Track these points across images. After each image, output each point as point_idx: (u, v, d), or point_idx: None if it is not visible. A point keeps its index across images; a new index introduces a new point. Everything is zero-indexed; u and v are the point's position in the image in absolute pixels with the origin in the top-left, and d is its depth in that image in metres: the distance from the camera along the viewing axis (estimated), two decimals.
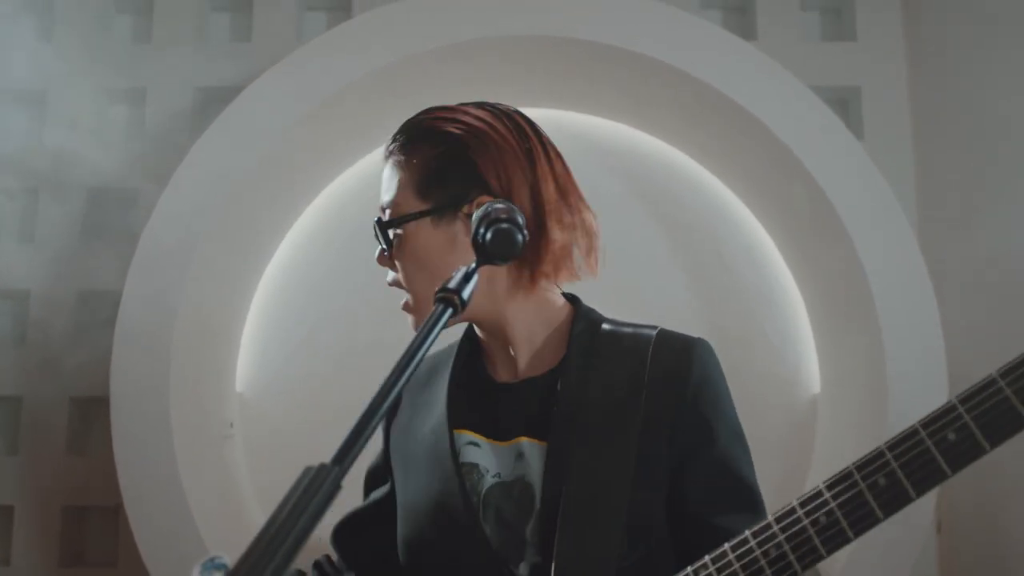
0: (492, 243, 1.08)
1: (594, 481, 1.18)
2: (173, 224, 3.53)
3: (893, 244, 3.51)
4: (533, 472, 1.20)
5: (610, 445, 1.20)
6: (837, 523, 1.06)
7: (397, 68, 3.62)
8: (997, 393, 1.04)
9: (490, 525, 1.19)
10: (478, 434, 1.23)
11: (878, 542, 3.31)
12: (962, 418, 1.04)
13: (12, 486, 4.04)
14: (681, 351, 1.34)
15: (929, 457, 1.05)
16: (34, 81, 4.28)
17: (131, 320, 3.48)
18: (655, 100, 3.85)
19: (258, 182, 3.68)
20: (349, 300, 4.05)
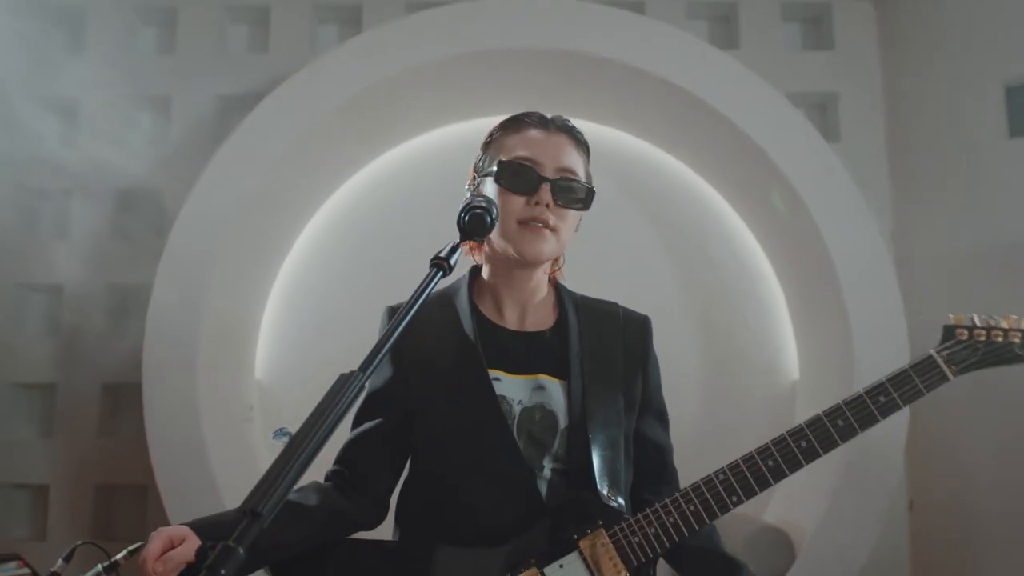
0: (468, 224, 1.39)
1: (604, 409, 1.55)
2: (199, 224, 3.84)
3: (861, 242, 3.81)
4: (553, 402, 1.55)
5: (608, 382, 1.59)
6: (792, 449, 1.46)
7: (402, 79, 3.92)
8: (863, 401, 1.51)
9: (522, 440, 1.50)
10: (500, 370, 1.55)
11: (845, 514, 3.61)
12: (844, 412, 1.38)
13: (47, 467, 4.36)
14: (642, 323, 1.75)
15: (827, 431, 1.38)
16: (67, 90, 4.58)
17: (161, 313, 3.79)
18: (645, 107, 4.15)
19: (275, 186, 3.99)
20: (358, 294, 4.35)
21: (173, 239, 3.86)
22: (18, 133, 4.56)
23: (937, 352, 1.55)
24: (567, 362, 1.59)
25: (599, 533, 1.42)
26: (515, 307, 1.65)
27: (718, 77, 3.91)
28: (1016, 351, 1.53)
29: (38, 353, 4.45)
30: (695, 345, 4.34)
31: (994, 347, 1.52)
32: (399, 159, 4.49)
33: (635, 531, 1.43)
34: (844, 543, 3.60)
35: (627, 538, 1.43)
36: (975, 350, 1.52)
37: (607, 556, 1.41)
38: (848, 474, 3.63)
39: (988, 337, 1.53)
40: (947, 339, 1.57)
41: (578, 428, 1.53)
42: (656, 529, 1.41)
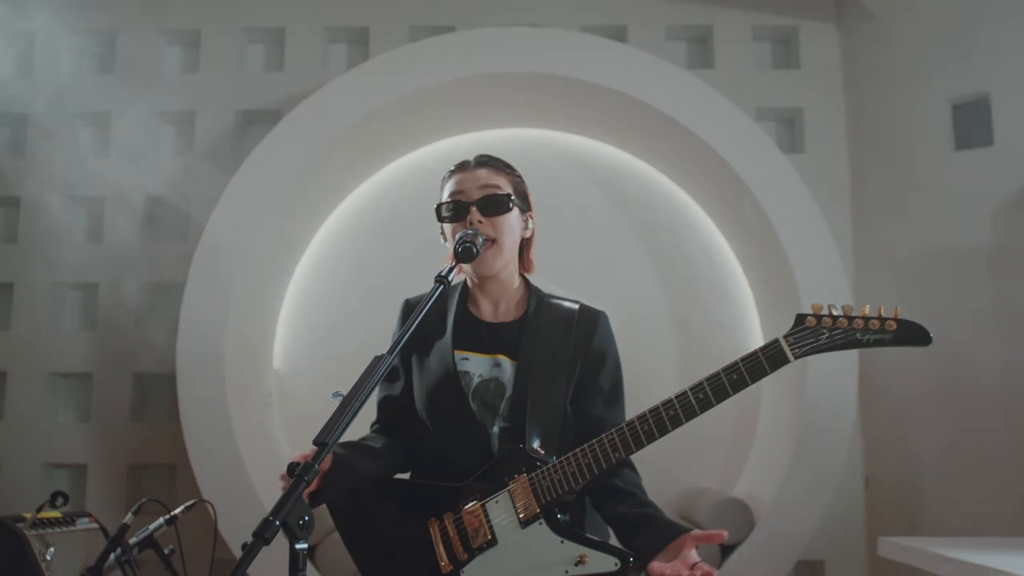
0: (459, 252, 1.84)
1: (545, 383, 1.96)
2: (227, 229, 4.28)
3: (816, 245, 4.26)
4: (505, 375, 1.98)
5: (552, 364, 1.99)
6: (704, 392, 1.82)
7: (409, 99, 4.37)
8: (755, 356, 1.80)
9: (476, 404, 1.94)
10: (469, 351, 1.98)
11: (798, 488, 4.06)
12: (704, 387, 1.83)
13: (85, 448, 4.81)
14: (594, 316, 2.13)
15: (689, 402, 1.83)
16: (99, 104, 5.02)
17: (192, 310, 4.23)
18: (626, 124, 4.60)
19: (294, 194, 4.43)
20: (366, 293, 4.79)
21: (203, 243, 4.30)
22: (56, 145, 5.01)
23: (784, 337, 1.76)
24: (518, 345, 2.01)
25: (523, 477, 1.84)
26: (489, 304, 2.07)
27: (688, 98, 4.35)
28: (857, 336, 1.71)
29: (75, 346, 4.89)
30: (671, 337, 4.79)
31: (840, 333, 1.71)
32: (404, 169, 4.93)
33: (546, 476, 1.84)
34: (796, 513, 4.05)
35: (540, 482, 1.84)
36: (820, 335, 1.72)
37: (524, 495, 1.83)
38: (801, 453, 4.08)
39: (834, 324, 1.72)
40: (797, 326, 1.75)
41: (519, 397, 1.95)
42: (561, 476, 1.81)
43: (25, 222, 4.95)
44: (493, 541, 1.81)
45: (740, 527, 4.05)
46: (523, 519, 1.81)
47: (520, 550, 1.79)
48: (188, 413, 4.15)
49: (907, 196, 4.74)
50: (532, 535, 1.80)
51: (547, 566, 1.77)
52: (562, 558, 1.77)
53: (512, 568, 1.78)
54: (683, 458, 4.58)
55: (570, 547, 1.78)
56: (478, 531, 1.81)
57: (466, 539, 1.82)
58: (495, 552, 1.80)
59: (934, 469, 4.53)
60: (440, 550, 1.82)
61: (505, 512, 1.82)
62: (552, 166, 4.89)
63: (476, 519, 1.82)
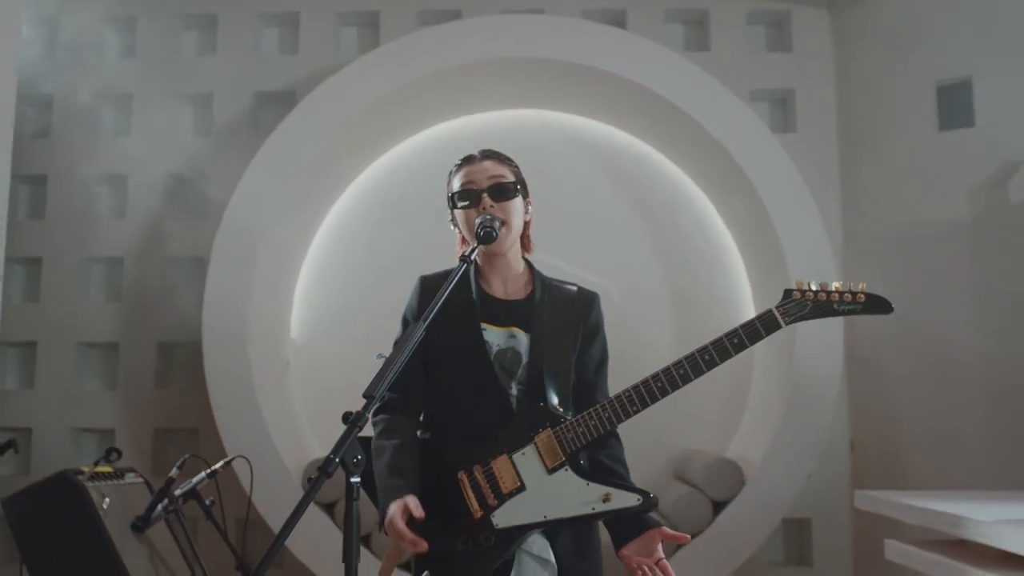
0: (482, 235, 2.09)
1: (556, 352, 2.21)
2: (247, 208, 4.53)
3: (803, 221, 4.52)
4: (520, 345, 2.23)
5: (558, 335, 2.24)
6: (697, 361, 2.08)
7: (419, 83, 4.62)
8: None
9: (496, 369, 2.18)
10: (487, 323, 2.23)
11: (785, 450, 4.34)
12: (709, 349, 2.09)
13: (113, 413, 5.08)
14: (590, 297, 2.39)
15: (697, 362, 2.09)
16: (122, 86, 5.25)
17: (217, 283, 4.49)
18: (625, 106, 4.84)
19: (310, 172, 4.68)
20: (378, 267, 5.04)
21: (227, 219, 4.56)
22: (80, 125, 5.25)
23: (776, 307, 2.05)
24: (530, 320, 2.26)
25: (548, 432, 2.10)
26: (498, 280, 2.32)
27: (684, 82, 4.60)
28: (834, 307, 2.04)
29: (102, 317, 5.16)
30: (668, 308, 5.05)
31: (819, 304, 2.03)
32: (412, 150, 5.17)
33: (570, 429, 2.10)
34: (784, 474, 4.33)
35: (564, 434, 2.10)
36: (804, 306, 2.03)
37: (551, 446, 2.09)
38: (788, 418, 4.35)
39: (815, 297, 2.04)
40: (785, 298, 2.06)
41: (535, 363, 2.21)
42: (584, 428, 2.07)
43: (52, 199, 5.19)
44: (522, 487, 2.06)
45: (731, 486, 4.34)
46: (550, 468, 2.07)
47: (548, 493, 2.05)
48: (214, 379, 4.42)
49: (893, 174, 4.98)
50: (559, 480, 2.05)
51: (575, 504, 2.04)
52: (589, 497, 2.03)
53: (542, 509, 2.04)
54: (680, 422, 4.84)
55: (596, 488, 2.04)
56: (507, 479, 2.07)
57: (496, 487, 2.06)
58: (524, 496, 2.05)
59: (914, 433, 4.81)
60: (471, 499, 2.06)
61: (532, 462, 2.07)
62: (554, 145, 5.13)
63: (506, 469, 2.08)
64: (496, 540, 2.01)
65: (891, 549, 2.97)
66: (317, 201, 4.98)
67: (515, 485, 2.05)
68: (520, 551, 2.05)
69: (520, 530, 2.03)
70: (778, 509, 4.36)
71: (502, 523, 2.02)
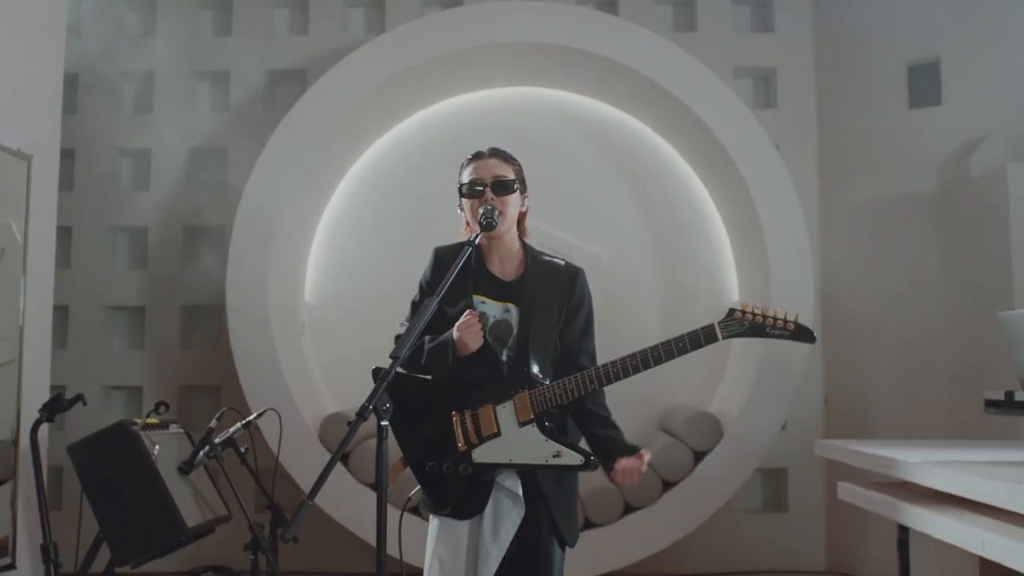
0: (483, 224, 2.46)
1: (541, 324, 2.59)
2: (267, 180, 4.90)
3: (778, 193, 4.88)
4: (512, 318, 2.60)
5: (546, 309, 2.62)
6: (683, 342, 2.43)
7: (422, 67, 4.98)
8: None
9: (491, 338, 2.56)
10: (486, 298, 2.60)
11: (759, 405, 4.74)
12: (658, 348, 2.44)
13: (141, 372, 5.48)
14: (575, 272, 2.75)
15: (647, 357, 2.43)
16: (142, 65, 5.58)
17: (240, 249, 4.87)
18: (615, 85, 5.19)
19: (322, 150, 5.04)
20: (388, 234, 5.41)
21: (248, 191, 4.92)
22: (105, 102, 5.59)
23: (718, 323, 2.40)
24: (521, 296, 2.62)
25: (525, 393, 2.48)
26: (497, 262, 2.69)
27: (667, 62, 4.98)
28: (767, 330, 2.37)
29: (128, 282, 5.54)
30: (655, 274, 5.42)
31: (755, 326, 2.37)
32: (417, 125, 5.52)
33: (540, 394, 2.48)
34: (758, 426, 4.74)
35: (536, 397, 2.47)
36: (742, 324, 2.38)
37: (523, 404, 2.47)
38: (763, 375, 4.75)
39: (753, 319, 2.37)
40: (728, 316, 2.40)
41: (523, 334, 2.59)
42: (551, 395, 2.46)
43: (80, 172, 5.53)
44: (498, 433, 2.46)
45: (710, 437, 4.75)
46: (521, 422, 2.47)
47: (516, 442, 2.45)
48: (237, 339, 4.82)
49: (866, 149, 5.34)
50: (526, 433, 2.46)
51: (535, 455, 2.44)
52: (545, 451, 2.43)
53: (510, 453, 2.44)
54: (665, 379, 5.19)
55: (551, 445, 2.44)
56: (488, 424, 2.46)
57: (479, 429, 2.46)
58: (498, 441, 2.45)
59: (883, 390, 5.21)
60: (459, 434, 2.46)
61: (509, 415, 2.47)
62: (548, 121, 5.48)
63: (488, 416, 2.47)
64: (472, 470, 2.43)
65: (843, 490, 3.36)
66: (329, 174, 5.35)
67: (493, 430, 2.45)
68: (496, 485, 2.46)
69: (491, 466, 2.43)
70: (753, 458, 4.78)
71: (479, 459, 2.43)
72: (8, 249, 3.63)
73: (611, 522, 4.68)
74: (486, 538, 2.41)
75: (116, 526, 3.19)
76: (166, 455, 3.34)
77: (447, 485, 2.44)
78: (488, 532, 2.41)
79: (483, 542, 2.41)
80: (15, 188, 3.56)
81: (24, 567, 3.48)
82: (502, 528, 2.41)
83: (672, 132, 5.35)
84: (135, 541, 3.19)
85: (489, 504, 2.43)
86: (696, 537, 4.85)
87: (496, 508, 2.44)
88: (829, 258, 5.44)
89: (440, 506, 2.45)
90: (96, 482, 3.21)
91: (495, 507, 2.44)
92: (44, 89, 3.92)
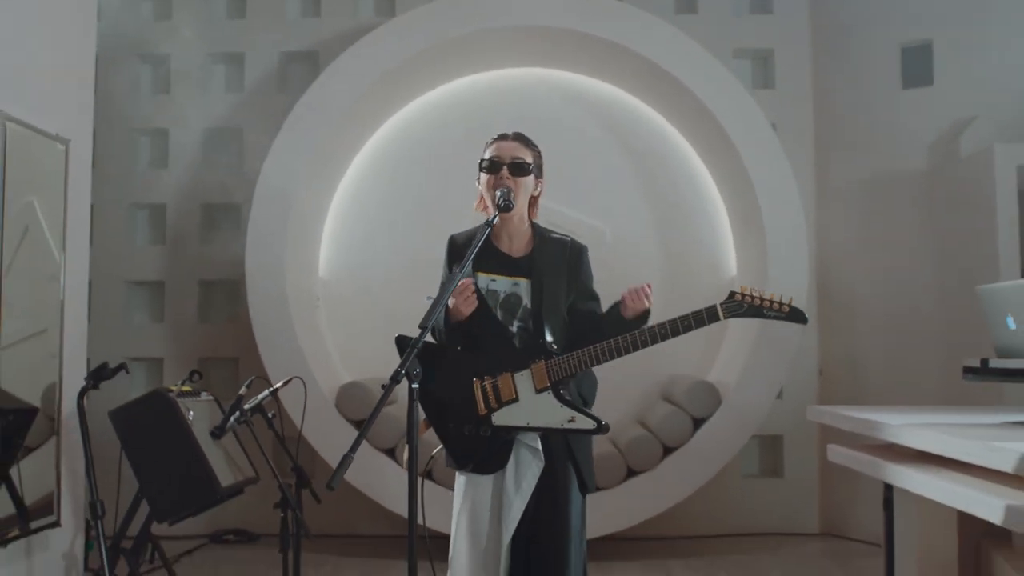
0: (501, 206, 2.65)
1: (553, 295, 2.81)
2: (284, 161, 5.09)
3: (775, 174, 5.08)
4: (522, 291, 2.81)
5: (554, 282, 2.83)
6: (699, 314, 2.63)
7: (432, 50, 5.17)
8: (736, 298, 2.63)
9: (500, 312, 2.77)
10: (496, 274, 2.80)
11: (756, 374, 4.96)
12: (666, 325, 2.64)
13: (160, 344, 5.70)
14: (580, 248, 2.95)
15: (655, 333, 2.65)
16: (159, 47, 5.76)
17: (258, 228, 5.07)
18: (618, 67, 5.38)
19: (338, 128, 5.23)
20: (398, 212, 5.61)
21: (265, 170, 5.11)
22: (123, 84, 5.76)
23: (720, 304, 2.61)
24: (531, 271, 2.82)
25: (542, 362, 2.68)
26: (506, 239, 2.88)
27: (668, 45, 5.16)
28: (764, 311, 2.59)
29: (148, 258, 5.75)
30: (656, 250, 5.62)
31: (753, 307, 2.59)
32: (428, 104, 5.70)
33: (556, 363, 2.68)
34: (755, 394, 4.97)
35: (552, 366, 2.67)
36: (741, 306, 2.59)
37: (540, 373, 2.68)
38: (759, 346, 4.97)
39: (752, 301, 2.59)
40: (729, 298, 2.61)
41: (536, 304, 2.79)
42: (567, 365, 2.66)
43: (100, 152, 5.69)
44: (516, 399, 2.66)
45: (709, 405, 4.97)
46: (538, 389, 2.68)
47: (533, 407, 2.66)
48: (257, 314, 5.03)
49: (861, 129, 5.52)
50: (542, 399, 2.67)
51: (551, 419, 2.65)
52: (560, 416, 2.64)
53: (527, 417, 2.65)
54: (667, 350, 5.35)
55: (566, 410, 2.65)
56: (507, 391, 2.67)
57: (498, 395, 2.67)
58: (516, 406, 2.66)
59: (875, 360, 5.43)
60: (479, 399, 2.67)
61: (526, 382, 2.68)
62: (553, 101, 5.66)
63: (507, 383, 2.68)
64: (491, 432, 2.64)
65: (832, 452, 3.57)
66: (342, 154, 5.55)
67: (511, 396, 2.66)
68: (517, 442, 2.67)
69: (509, 429, 2.64)
70: (750, 426, 5.00)
71: (498, 422, 2.64)
72: (31, 227, 3.82)
73: (613, 486, 4.91)
74: (509, 490, 2.62)
75: (155, 486, 3.42)
76: (199, 420, 3.56)
77: (469, 444, 2.64)
78: (511, 484, 2.63)
79: (506, 494, 2.62)
80: (44, 169, 3.75)
81: (68, 525, 3.71)
82: (524, 480, 2.63)
83: (673, 112, 5.54)
84: (174, 500, 3.42)
85: (511, 459, 2.64)
86: (695, 501, 5.08)
87: (517, 462, 2.65)
88: (824, 235, 5.64)
89: (463, 463, 2.67)
90: (136, 445, 3.45)
91: (516, 461, 2.65)
92: (78, 74, 4.10)
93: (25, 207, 3.70)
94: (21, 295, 3.60)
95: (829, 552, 5.20)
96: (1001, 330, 2.88)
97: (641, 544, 5.17)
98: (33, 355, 3.67)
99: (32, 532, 3.49)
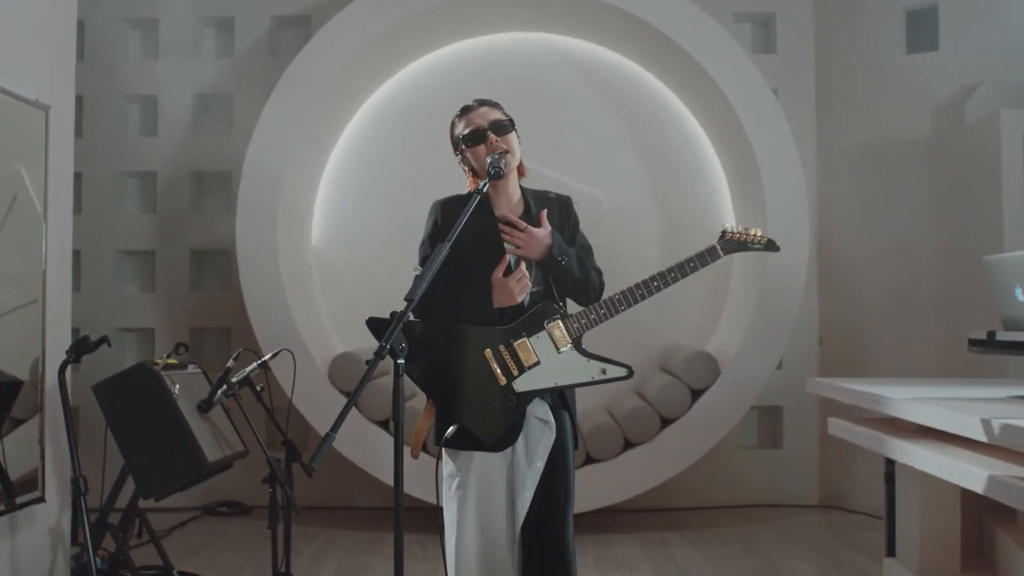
0: (492, 173, 2.57)
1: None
2: (274, 128, 4.97)
3: (776, 140, 4.97)
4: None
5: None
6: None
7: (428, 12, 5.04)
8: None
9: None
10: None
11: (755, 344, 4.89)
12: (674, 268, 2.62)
13: (152, 314, 5.62)
14: (566, 200, 2.87)
15: (665, 278, 2.62)
16: (149, 12, 5.64)
17: (248, 196, 4.96)
18: (617, 31, 5.25)
19: (328, 95, 5.11)
20: (391, 179, 5.50)
21: (256, 136, 4.99)
22: (111, 49, 5.64)
23: (717, 243, 2.66)
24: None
25: (557, 322, 2.63)
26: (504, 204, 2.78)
27: (668, 9, 5.03)
28: (748, 244, 2.69)
29: (138, 227, 5.66)
30: (655, 213, 5.53)
31: (741, 242, 2.68)
32: (419, 70, 5.58)
33: (576, 319, 2.64)
34: (754, 365, 4.89)
35: (570, 325, 2.64)
36: (731, 242, 2.68)
37: (559, 332, 2.62)
38: (758, 316, 4.89)
39: (738, 237, 2.68)
40: (721, 237, 2.69)
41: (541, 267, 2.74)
42: (585, 320, 2.61)
43: (88, 119, 5.60)
44: (538, 362, 2.61)
45: (707, 376, 4.90)
46: (560, 349, 2.62)
47: (558, 366, 2.62)
48: (248, 283, 4.94)
49: (864, 93, 5.41)
50: (566, 357, 2.62)
51: (581, 375, 2.63)
52: (591, 370, 2.62)
53: (554, 378, 2.61)
54: (666, 319, 5.36)
55: (595, 364, 2.62)
56: (528, 356, 2.61)
57: (518, 361, 2.61)
58: (540, 368, 2.60)
59: (876, 330, 5.36)
60: (497, 370, 2.60)
61: (545, 343, 2.62)
62: (551, 66, 5.54)
63: (526, 348, 2.61)
64: (517, 401, 2.58)
65: (833, 425, 3.52)
66: (334, 121, 5.43)
67: (533, 361, 2.60)
68: (528, 415, 2.60)
69: (534, 393, 2.59)
70: (749, 397, 4.93)
71: (522, 388, 2.58)
72: (19, 195, 3.73)
73: (611, 458, 4.85)
74: (521, 464, 2.57)
75: (141, 461, 3.35)
76: (186, 394, 3.48)
77: (494, 418, 2.57)
78: (523, 458, 2.58)
79: (519, 469, 2.57)
80: (29, 136, 3.64)
81: (52, 501, 3.64)
82: (536, 454, 2.58)
83: (672, 76, 5.43)
84: (160, 475, 3.35)
85: (521, 434, 2.59)
86: (694, 472, 5.03)
87: (528, 435, 2.60)
88: (825, 202, 5.55)
89: (487, 439, 2.56)
90: (121, 420, 3.37)
91: (527, 435, 2.60)
92: (59, 38, 3.97)
93: (12, 175, 3.60)
94: (10, 265, 3.51)
95: (828, 524, 5.16)
96: (1009, 302, 2.79)
97: (638, 516, 5.13)
98: (23, 326, 3.58)
99: (17, 507, 3.42)
